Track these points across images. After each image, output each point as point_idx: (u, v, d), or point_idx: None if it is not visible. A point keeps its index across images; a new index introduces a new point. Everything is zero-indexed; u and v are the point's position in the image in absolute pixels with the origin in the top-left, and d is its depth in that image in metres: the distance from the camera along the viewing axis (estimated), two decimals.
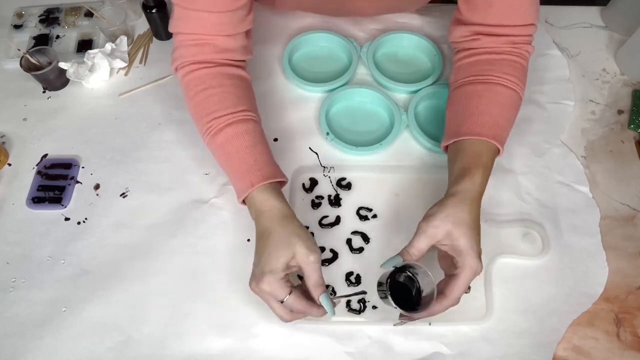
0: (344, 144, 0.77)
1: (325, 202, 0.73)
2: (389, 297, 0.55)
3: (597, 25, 0.94)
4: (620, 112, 0.84)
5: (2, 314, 0.66)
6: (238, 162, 0.64)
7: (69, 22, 0.94)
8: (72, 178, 0.76)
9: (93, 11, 0.90)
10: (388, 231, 0.71)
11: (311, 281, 0.58)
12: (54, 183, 0.75)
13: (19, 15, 0.95)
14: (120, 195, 0.75)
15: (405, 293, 0.59)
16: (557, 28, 0.93)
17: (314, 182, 0.75)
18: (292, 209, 0.62)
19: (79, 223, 0.73)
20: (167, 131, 0.81)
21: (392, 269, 0.57)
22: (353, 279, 0.67)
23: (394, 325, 0.62)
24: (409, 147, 0.79)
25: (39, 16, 0.95)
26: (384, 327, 0.64)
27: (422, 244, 0.58)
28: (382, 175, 0.76)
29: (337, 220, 0.72)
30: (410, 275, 0.58)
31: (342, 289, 0.67)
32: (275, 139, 0.80)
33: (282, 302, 0.57)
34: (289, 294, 0.57)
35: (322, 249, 0.70)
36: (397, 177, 0.76)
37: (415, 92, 0.82)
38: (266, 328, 0.65)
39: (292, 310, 0.58)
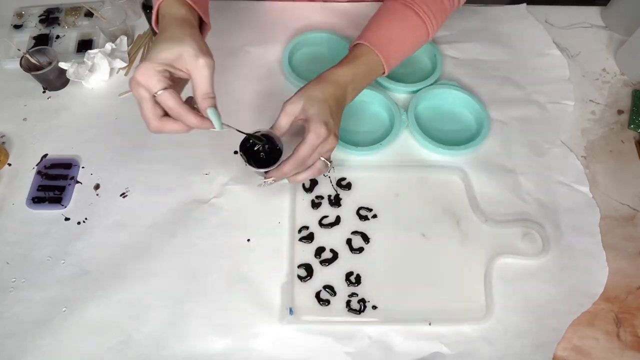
0: (344, 144, 0.77)
1: (325, 202, 0.74)
2: (244, 158, 0.62)
3: (597, 25, 0.94)
4: (620, 112, 0.84)
5: (2, 314, 0.66)
6: None
7: (69, 22, 0.94)
8: (72, 178, 0.76)
9: (93, 11, 0.90)
10: (388, 231, 0.71)
11: (199, 90, 0.54)
12: (54, 183, 0.75)
13: (19, 15, 0.95)
14: (120, 195, 0.75)
15: (262, 158, 0.64)
16: (557, 28, 0.93)
17: (314, 182, 0.75)
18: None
19: (79, 223, 0.73)
20: None
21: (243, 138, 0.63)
22: (353, 279, 0.67)
23: (258, 185, 0.69)
24: (409, 147, 0.79)
25: (39, 16, 0.95)
26: (384, 327, 0.64)
27: (282, 121, 0.63)
28: (382, 175, 0.76)
29: (337, 220, 0.72)
30: (262, 143, 0.63)
31: (342, 288, 0.67)
32: None
33: (154, 95, 0.53)
34: (164, 89, 0.53)
35: (322, 249, 0.70)
36: (397, 177, 0.76)
37: (415, 92, 0.82)
38: (266, 328, 0.65)
39: (166, 111, 0.54)
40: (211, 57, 0.55)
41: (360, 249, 0.70)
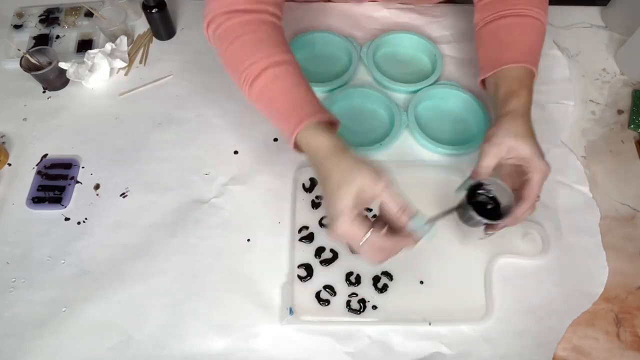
0: None
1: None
2: (473, 212, 0.57)
3: (597, 25, 0.94)
4: (620, 112, 0.84)
5: (2, 314, 0.66)
6: (282, 104, 0.60)
7: (69, 22, 0.94)
8: (72, 178, 0.76)
9: (93, 11, 0.90)
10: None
11: (391, 209, 0.53)
12: (54, 183, 0.75)
13: (19, 15, 0.95)
14: (120, 195, 0.75)
15: (484, 208, 0.62)
16: (557, 28, 0.93)
17: (314, 182, 0.75)
18: (346, 143, 0.57)
19: (79, 223, 0.73)
20: (167, 131, 0.81)
21: (466, 190, 0.60)
22: (353, 279, 0.67)
23: (480, 239, 0.64)
24: (409, 147, 0.79)
25: (39, 16, 0.95)
26: (384, 327, 0.64)
27: (488, 162, 0.61)
28: None
29: None
30: (486, 191, 0.61)
31: (342, 288, 0.67)
32: (275, 139, 0.80)
33: (361, 245, 0.53)
34: (369, 231, 0.52)
35: (322, 249, 0.70)
36: (397, 177, 0.75)
37: (415, 92, 0.82)
38: (266, 328, 0.65)
39: (375, 250, 0.54)
40: (387, 174, 0.54)
41: None
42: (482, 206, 0.62)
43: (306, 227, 0.71)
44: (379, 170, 0.54)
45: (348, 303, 0.66)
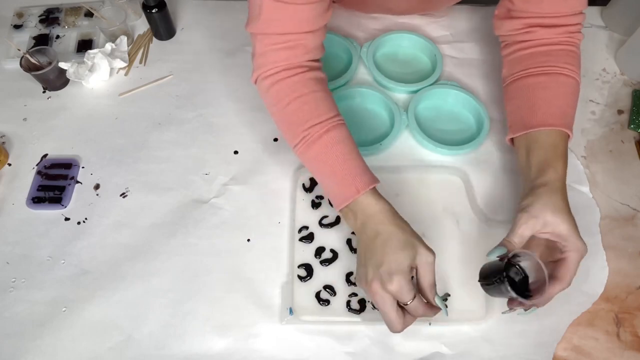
0: None
1: (325, 202, 0.73)
2: (507, 286, 0.55)
3: (597, 25, 0.94)
4: (620, 112, 0.84)
5: (2, 314, 0.66)
6: (340, 169, 0.62)
7: (69, 22, 0.94)
8: (72, 178, 0.76)
9: (93, 11, 0.90)
10: None
11: (427, 282, 0.57)
12: (54, 183, 0.75)
13: (19, 15, 0.95)
14: (120, 195, 0.75)
15: (514, 281, 0.58)
16: None
17: (314, 182, 0.75)
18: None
19: (79, 223, 0.73)
20: (167, 131, 0.81)
21: (498, 259, 0.57)
22: (353, 279, 0.67)
23: (502, 313, 0.62)
24: (409, 147, 0.79)
25: (39, 16, 0.95)
26: (384, 327, 0.64)
27: (524, 233, 0.59)
28: (382, 175, 0.75)
29: (337, 220, 0.72)
30: (516, 264, 0.58)
31: (342, 288, 0.67)
32: (275, 139, 0.80)
33: (405, 305, 0.56)
34: (414, 297, 0.56)
35: (322, 249, 0.70)
36: (397, 177, 0.76)
37: (415, 92, 0.82)
38: (266, 328, 0.65)
39: (411, 313, 0.57)
40: (431, 250, 0.58)
41: None
42: (511, 279, 0.58)
43: (306, 227, 0.71)
44: (429, 246, 0.58)
45: (348, 303, 0.66)
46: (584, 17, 0.68)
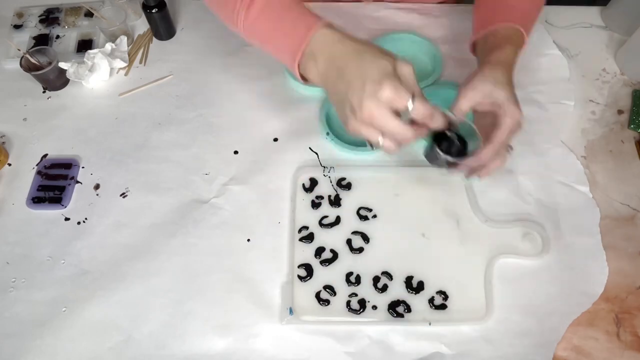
0: (344, 144, 0.77)
1: (325, 202, 0.73)
2: (437, 149, 0.57)
3: (597, 25, 0.94)
4: (620, 112, 0.84)
5: (2, 314, 0.66)
6: (288, 16, 0.58)
7: (69, 22, 0.94)
8: (72, 178, 0.76)
9: (93, 11, 0.90)
10: (388, 231, 0.71)
11: (417, 91, 0.54)
12: (54, 183, 0.75)
13: (19, 15, 0.95)
14: (120, 195, 0.75)
15: (450, 148, 0.60)
16: (557, 28, 0.93)
17: (314, 182, 0.75)
18: None
19: (79, 223, 0.73)
20: (167, 131, 0.81)
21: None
22: (353, 279, 0.67)
23: (442, 175, 0.63)
24: (409, 147, 0.79)
25: (39, 16, 0.95)
26: (384, 327, 0.64)
27: (463, 105, 0.60)
28: (382, 175, 0.76)
29: (337, 220, 0.72)
30: (454, 131, 0.60)
31: (342, 288, 0.67)
32: (275, 139, 0.80)
33: (405, 107, 0.52)
34: (412, 95, 0.51)
35: (322, 249, 0.70)
36: (397, 177, 0.76)
37: None
38: (266, 328, 0.65)
39: (416, 119, 0.53)
40: (406, 59, 0.54)
41: (360, 249, 0.70)
42: (449, 146, 0.61)
43: (306, 227, 0.71)
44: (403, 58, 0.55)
45: (348, 303, 0.66)
46: None
